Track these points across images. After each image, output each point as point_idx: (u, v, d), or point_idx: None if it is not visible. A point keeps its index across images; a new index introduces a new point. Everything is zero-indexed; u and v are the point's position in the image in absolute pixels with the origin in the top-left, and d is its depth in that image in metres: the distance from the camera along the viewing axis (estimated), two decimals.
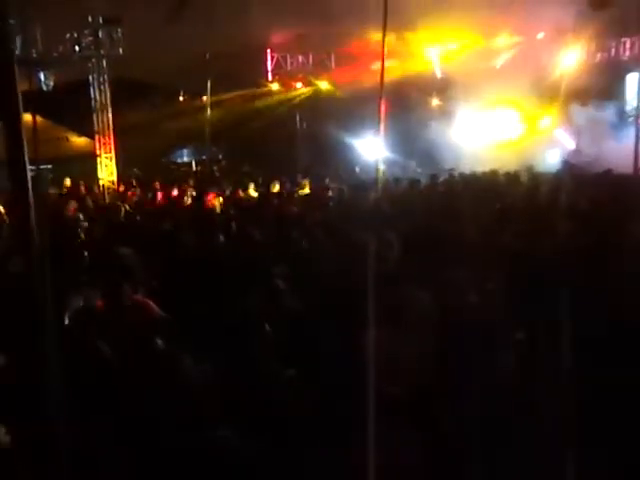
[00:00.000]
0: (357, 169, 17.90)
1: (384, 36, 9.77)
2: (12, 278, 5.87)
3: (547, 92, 18.60)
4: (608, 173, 12.16)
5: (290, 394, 4.83)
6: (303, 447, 4.35)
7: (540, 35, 19.46)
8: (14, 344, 4.09)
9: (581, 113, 17.72)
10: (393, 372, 4.73)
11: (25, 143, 2.73)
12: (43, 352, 2.89)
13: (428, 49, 20.67)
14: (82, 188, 14.14)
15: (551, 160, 17.86)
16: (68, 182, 14.66)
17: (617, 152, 13.87)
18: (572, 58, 19.01)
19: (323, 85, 21.93)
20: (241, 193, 13.54)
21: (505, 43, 20.66)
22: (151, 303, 5.90)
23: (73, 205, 10.43)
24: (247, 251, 7.44)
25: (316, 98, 22.06)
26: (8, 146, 2.59)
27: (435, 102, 21.66)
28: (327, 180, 15.48)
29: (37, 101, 11.06)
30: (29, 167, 2.60)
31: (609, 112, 17.55)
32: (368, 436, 3.83)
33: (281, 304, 5.83)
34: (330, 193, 13.34)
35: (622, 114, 18.26)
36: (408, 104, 19.23)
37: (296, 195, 13.15)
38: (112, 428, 3.81)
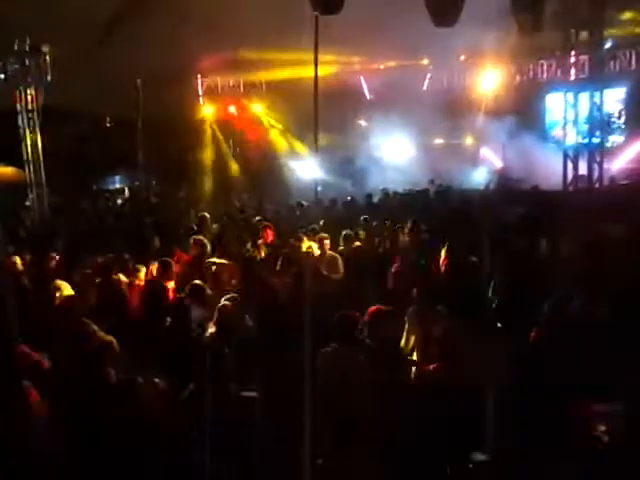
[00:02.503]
0: (292, 190, 18.05)
1: (316, 58, 9.95)
2: None
3: (470, 112, 19.30)
4: (535, 189, 12.71)
5: (251, 415, 4.91)
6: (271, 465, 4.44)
7: (462, 57, 20.23)
8: None
9: (504, 132, 18.39)
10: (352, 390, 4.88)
11: None
12: None
13: (356, 72, 21.21)
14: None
15: (478, 177, 18.52)
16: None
17: (541, 169, 14.50)
18: (492, 79, 19.84)
19: (256, 108, 22.15)
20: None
21: (429, 65, 21.41)
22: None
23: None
24: None
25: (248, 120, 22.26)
26: None
27: (363, 123, 22.14)
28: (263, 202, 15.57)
29: None
30: None
31: (531, 131, 18.28)
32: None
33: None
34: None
35: (543, 133, 19.07)
36: (340, 126, 19.57)
37: None
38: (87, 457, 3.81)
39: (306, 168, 18.45)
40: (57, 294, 6.56)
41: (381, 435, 4.16)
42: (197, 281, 6.52)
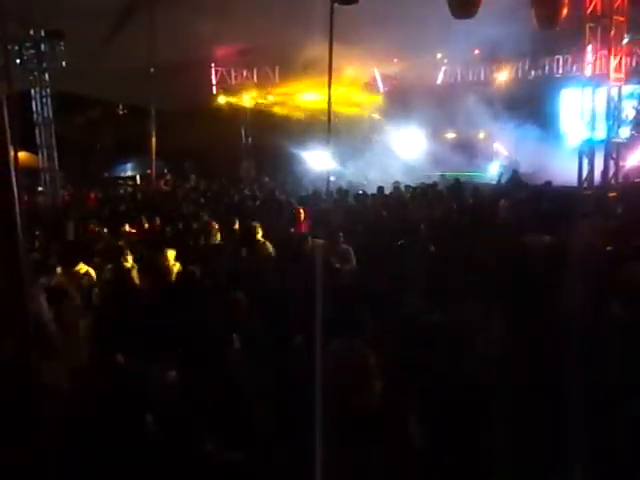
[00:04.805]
0: (304, 181, 18.03)
1: (331, 47, 9.92)
2: None
3: (483, 107, 19.16)
4: (549, 185, 12.64)
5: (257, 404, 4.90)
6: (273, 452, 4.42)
7: (476, 51, 20.14)
8: None
9: (517, 127, 18.28)
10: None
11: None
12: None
13: (370, 65, 21.16)
14: None
15: (492, 171, 18.43)
16: None
17: (554, 165, 14.39)
18: (507, 74, 19.75)
19: (270, 98, 22.19)
20: None
21: (443, 59, 21.35)
22: None
23: None
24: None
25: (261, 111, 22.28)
26: None
27: (376, 117, 22.07)
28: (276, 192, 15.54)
29: None
30: None
31: (545, 126, 18.16)
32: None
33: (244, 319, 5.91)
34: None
35: (557, 128, 18.92)
36: (352, 119, 19.52)
37: None
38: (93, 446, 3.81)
39: (318, 158, 18.39)
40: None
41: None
42: None
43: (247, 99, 22.35)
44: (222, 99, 22.22)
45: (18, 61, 14.25)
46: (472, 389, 4.56)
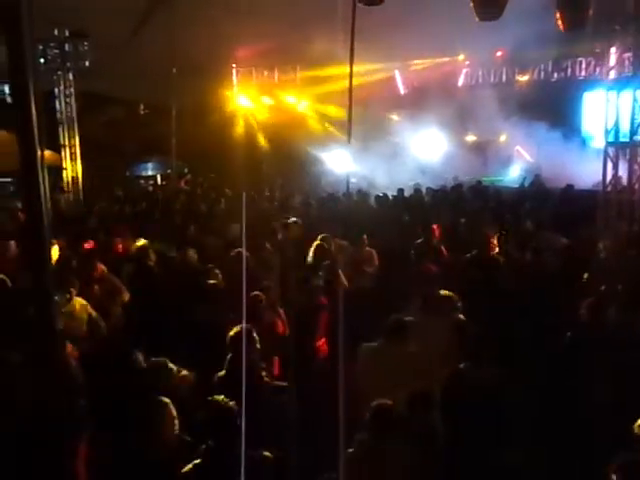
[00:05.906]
0: (324, 182, 18.00)
1: (352, 47, 9.87)
2: None
3: (504, 109, 19.02)
4: (570, 188, 12.53)
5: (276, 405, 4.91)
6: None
7: (498, 53, 20.01)
8: None
9: (539, 130, 18.12)
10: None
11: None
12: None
13: (391, 66, 21.11)
14: None
15: (513, 174, 18.32)
16: None
17: (576, 168, 14.27)
18: (529, 76, 19.60)
19: (290, 100, 22.20)
20: None
21: (465, 61, 21.24)
22: None
23: None
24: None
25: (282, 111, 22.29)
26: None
27: (395, 118, 21.96)
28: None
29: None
30: None
31: (567, 129, 17.98)
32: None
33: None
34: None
35: (579, 131, 18.72)
36: (372, 119, 19.41)
37: None
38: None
39: (339, 160, 18.38)
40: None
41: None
42: None
43: (268, 99, 22.40)
44: (243, 99, 22.27)
45: (42, 60, 14.41)
46: (488, 391, 4.55)
